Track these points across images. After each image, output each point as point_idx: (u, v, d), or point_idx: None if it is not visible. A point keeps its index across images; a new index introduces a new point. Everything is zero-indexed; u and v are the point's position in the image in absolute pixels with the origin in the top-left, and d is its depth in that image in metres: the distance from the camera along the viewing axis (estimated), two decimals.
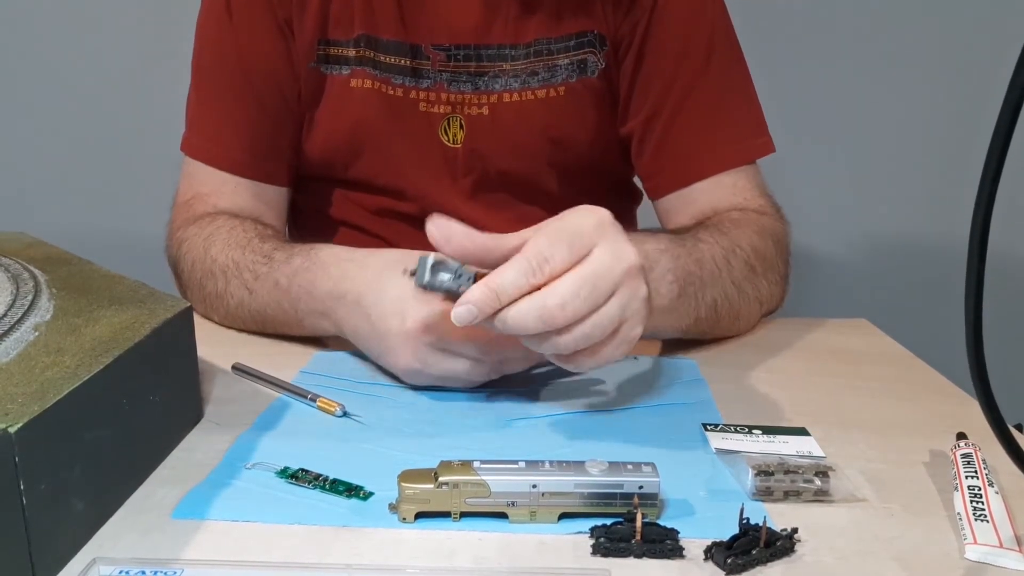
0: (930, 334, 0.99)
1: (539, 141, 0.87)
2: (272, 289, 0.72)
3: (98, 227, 1.47)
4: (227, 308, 0.77)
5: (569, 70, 0.86)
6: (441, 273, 0.53)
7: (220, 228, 0.80)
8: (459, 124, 0.86)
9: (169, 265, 0.87)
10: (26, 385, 0.41)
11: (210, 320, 0.80)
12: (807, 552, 0.43)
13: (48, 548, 0.40)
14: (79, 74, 1.47)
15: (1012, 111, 0.32)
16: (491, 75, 0.85)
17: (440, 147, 0.87)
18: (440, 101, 0.86)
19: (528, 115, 0.86)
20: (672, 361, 0.70)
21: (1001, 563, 0.42)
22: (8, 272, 0.55)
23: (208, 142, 0.87)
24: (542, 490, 0.45)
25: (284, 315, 0.72)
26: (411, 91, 0.86)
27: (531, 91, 0.86)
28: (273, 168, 0.89)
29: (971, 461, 0.50)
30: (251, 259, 0.75)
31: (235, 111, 0.87)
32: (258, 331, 0.76)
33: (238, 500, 0.47)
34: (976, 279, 0.35)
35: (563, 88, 0.86)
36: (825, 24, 1.45)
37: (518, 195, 0.90)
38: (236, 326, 0.78)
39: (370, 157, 0.88)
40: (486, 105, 0.86)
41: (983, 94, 1.41)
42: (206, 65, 0.88)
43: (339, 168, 0.90)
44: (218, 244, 0.78)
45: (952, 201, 1.47)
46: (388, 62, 0.85)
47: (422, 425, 0.58)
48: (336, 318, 0.67)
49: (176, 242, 0.84)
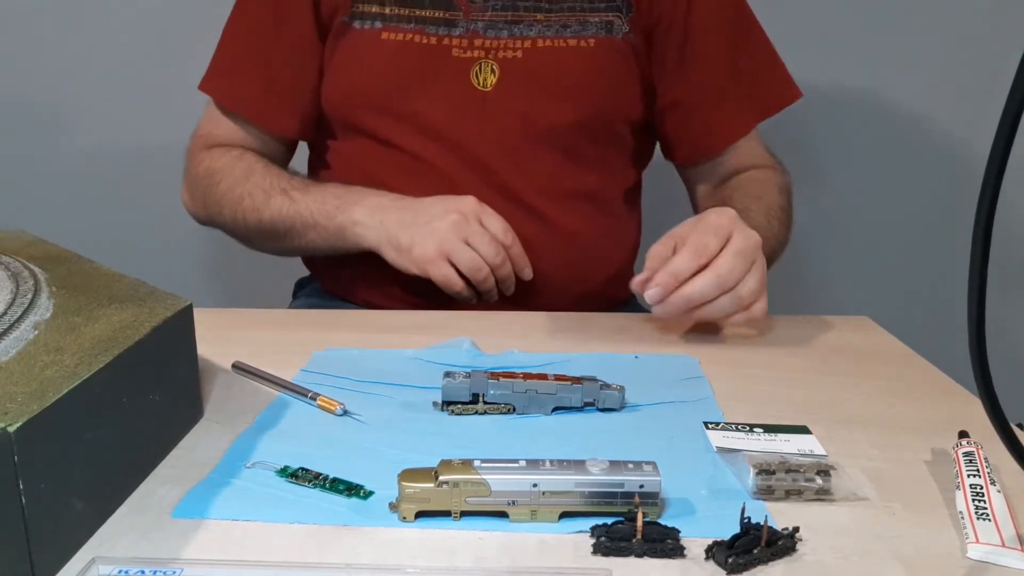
0: (932, 332, 0.99)
1: (568, 86, 0.91)
2: (321, 194, 0.89)
3: (98, 226, 1.47)
4: (260, 218, 0.91)
5: (597, 27, 0.92)
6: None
7: (257, 161, 0.95)
8: (491, 69, 0.90)
9: (185, 179, 1.00)
10: (25, 384, 0.41)
11: (222, 224, 0.96)
12: (808, 551, 0.43)
13: (48, 547, 0.40)
14: (80, 73, 1.47)
15: (1016, 109, 0.32)
16: (526, 23, 0.90)
17: (471, 91, 0.91)
18: (474, 47, 0.90)
19: (561, 60, 0.91)
20: (673, 358, 0.70)
21: (1003, 562, 0.42)
22: (8, 270, 0.55)
23: (226, 86, 0.97)
24: (543, 489, 0.45)
25: (323, 212, 0.87)
26: (444, 39, 0.90)
27: (564, 39, 0.91)
28: (284, 121, 0.97)
29: (973, 459, 0.50)
30: (298, 182, 0.92)
31: (259, 60, 0.95)
32: (282, 235, 0.90)
33: (238, 499, 0.47)
34: (979, 277, 0.35)
35: (593, 40, 0.91)
36: (826, 23, 1.45)
37: (541, 145, 0.93)
38: (260, 230, 0.92)
39: (399, 106, 0.92)
40: (520, 49, 0.90)
41: (987, 91, 1.41)
42: (241, 14, 0.97)
43: (364, 115, 0.93)
44: (259, 173, 0.93)
45: (955, 198, 1.46)
46: (423, 15, 0.90)
47: (422, 424, 0.58)
48: (377, 204, 0.85)
49: (196, 161, 0.98)
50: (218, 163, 0.96)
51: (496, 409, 0.58)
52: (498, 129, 0.91)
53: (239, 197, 0.93)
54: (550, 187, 0.93)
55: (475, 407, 0.58)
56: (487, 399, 0.58)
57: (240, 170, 0.94)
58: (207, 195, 0.96)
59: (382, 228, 0.85)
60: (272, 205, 0.90)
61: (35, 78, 1.48)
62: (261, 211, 0.91)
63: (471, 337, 0.72)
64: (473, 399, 0.58)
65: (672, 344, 0.75)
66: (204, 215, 0.99)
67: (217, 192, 0.94)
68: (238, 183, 0.93)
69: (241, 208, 0.92)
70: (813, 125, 1.48)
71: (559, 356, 0.70)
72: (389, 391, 0.63)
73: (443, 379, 0.58)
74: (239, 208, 0.92)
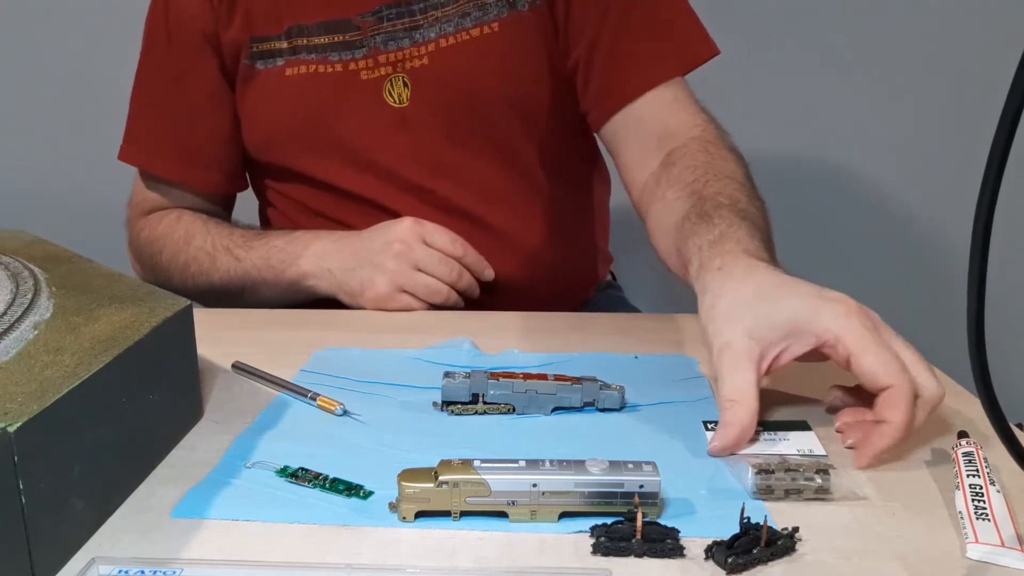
0: (931, 332, 0.99)
1: (483, 80, 0.87)
2: (264, 248, 0.87)
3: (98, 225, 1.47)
4: (210, 282, 0.90)
5: (499, 6, 0.86)
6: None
7: (195, 221, 0.93)
8: (403, 82, 0.86)
9: (130, 250, 0.98)
10: (25, 384, 0.41)
11: (174, 290, 0.94)
12: (808, 551, 0.43)
13: (48, 547, 0.40)
14: (80, 72, 1.47)
15: (1015, 109, 0.32)
16: (426, 26, 0.86)
17: (388, 110, 0.87)
18: (379, 64, 0.87)
19: (468, 55, 0.86)
20: (673, 358, 0.70)
21: (1003, 562, 0.42)
22: (8, 270, 0.55)
23: (142, 151, 0.95)
24: (542, 489, 0.45)
25: (270, 268, 0.86)
26: (349, 63, 0.87)
27: (466, 32, 0.86)
28: (208, 176, 0.95)
29: (972, 459, 0.50)
30: (239, 237, 0.90)
31: (169, 119, 0.94)
32: (236, 296, 0.89)
33: (238, 499, 0.47)
34: (978, 276, 0.35)
35: (496, 24, 0.86)
36: (828, 22, 1.45)
37: (470, 150, 0.89)
38: (213, 292, 0.90)
39: (319, 140, 0.89)
40: (425, 55, 0.86)
41: (986, 92, 1.41)
42: (145, 74, 0.95)
43: (289, 155, 0.91)
44: (199, 235, 0.91)
45: (955, 198, 1.46)
46: (322, 43, 0.86)
47: (422, 424, 0.58)
48: (321, 250, 0.84)
49: (136, 231, 0.97)
50: (156, 231, 0.94)
51: (496, 409, 0.58)
52: (424, 144, 0.88)
53: (184, 264, 0.91)
54: (490, 192, 0.90)
55: (475, 407, 0.58)
56: (487, 399, 0.58)
57: (180, 235, 0.92)
58: (154, 265, 0.94)
59: (331, 277, 0.84)
60: (219, 267, 0.89)
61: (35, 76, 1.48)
62: (210, 275, 0.90)
63: (471, 337, 0.72)
64: (473, 399, 0.58)
65: (672, 344, 0.74)
66: (155, 282, 0.94)
67: (162, 261, 0.93)
68: (180, 250, 0.91)
69: (189, 274, 0.91)
70: (814, 123, 1.48)
71: (559, 356, 0.70)
72: (389, 391, 0.63)
73: (443, 379, 0.58)
74: (187, 275, 0.91)
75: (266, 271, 0.87)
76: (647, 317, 0.81)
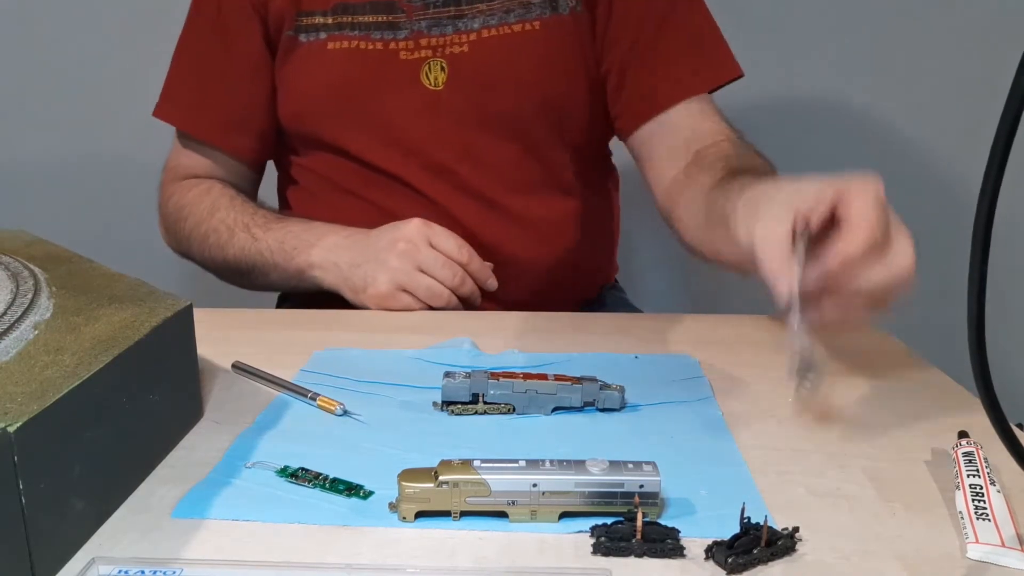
0: (932, 332, 0.99)
1: (519, 73, 0.90)
2: (282, 232, 0.88)
3: (98, 225, 1.47)
4: (224, 256, 0.91)
5: (542, 7, 0.89)
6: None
7: (223, 195, 0.94)
8: (440, 67, 0.89)
9: (159, 214, 1.00)
10: (25, 384, 0.41)
11: (193, 259, 0.97)
12: (808, 551, 0.43)
13: (48, 547, 0.40)
14: (80, 72, 1.47)
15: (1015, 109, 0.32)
16: (469, 16, 0.88)
17: (422, 91, 0.89)
18: (420, 47, 0.89)
19: (508, 48, 0.89)
20: (673, 358, 0.70)
21: (1003, 562, 0.42)
22: (8, 270, 0.55)
23: (181, 110, 0.97)
24: (542, 489, 0.45)
25: (283, 252, 0.87)
26: (390, 43, 0.89)
27: (508, 26, 0.89)
28: (243, 141, 0.96)
29: (973, 460, 0.50)
30: (261, 218, 0.91)
31: (211, 81, 0.95)
32: (245, 273, 0.91)
33: (238, 499, 0.47)
34: (979, 276, 0.35)
35: (538, 23, 0.89)
36: (828, 23, 1.45)
37: (499, 138, 0.91)
38: (226, 267, 0.92)
39: (353, 115, 0.91)
40: (466, 43, 0.89)
41: (986, 91, 1.41)
42: (189, 36, 0.96)
43: (321, 127, 0.92)
44: (223, 208, 0.92)
45: (955, 198, 1.46)
46: (366, 21, 0.88)
47: (422, 424, 0.58)
48: (333, 244, 0.85)
49: (167, 196, 0.98)
50: (185, 198, 0.96)
51: (496, 409, 0.58)
52: (454, 127, 0.90)
53: (204, 234, 0.93)
54: (514, 180, 0.92)
55: (475, 407, 0.58)
56: (487, 399, 0.58)
57: (206, 205, 0.94)
58: (177, 231, 0.96)
59: (337, 271, 0.85)
60: (235, 243, 0.90)
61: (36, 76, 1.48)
62: (225, 249, 0.91)
63: (471, 337, 0.72)
64: (473, 399, 0.58)
65: (672, 344, 0.74)
66: (178, 250, 0.99)
67: (185, 228, 0.95)
68: (203, 220, 0.93)
69: (207, 245, 0.93)
70: (815, 123, 1.48)
71: (559, 356, 0.70)
72: (389, 391, 0.63)
73: (443, 379, 0.58)
74: (205, 245, 0.93)
75: (278, 254, 0.88)
76: (647, 317, 0.81)
